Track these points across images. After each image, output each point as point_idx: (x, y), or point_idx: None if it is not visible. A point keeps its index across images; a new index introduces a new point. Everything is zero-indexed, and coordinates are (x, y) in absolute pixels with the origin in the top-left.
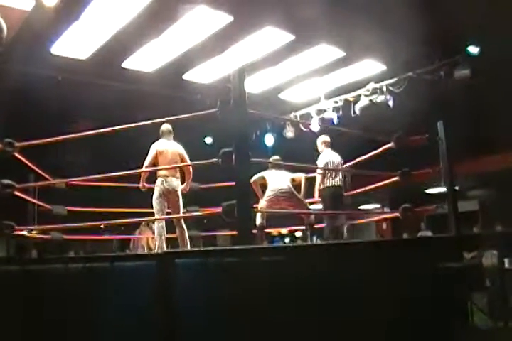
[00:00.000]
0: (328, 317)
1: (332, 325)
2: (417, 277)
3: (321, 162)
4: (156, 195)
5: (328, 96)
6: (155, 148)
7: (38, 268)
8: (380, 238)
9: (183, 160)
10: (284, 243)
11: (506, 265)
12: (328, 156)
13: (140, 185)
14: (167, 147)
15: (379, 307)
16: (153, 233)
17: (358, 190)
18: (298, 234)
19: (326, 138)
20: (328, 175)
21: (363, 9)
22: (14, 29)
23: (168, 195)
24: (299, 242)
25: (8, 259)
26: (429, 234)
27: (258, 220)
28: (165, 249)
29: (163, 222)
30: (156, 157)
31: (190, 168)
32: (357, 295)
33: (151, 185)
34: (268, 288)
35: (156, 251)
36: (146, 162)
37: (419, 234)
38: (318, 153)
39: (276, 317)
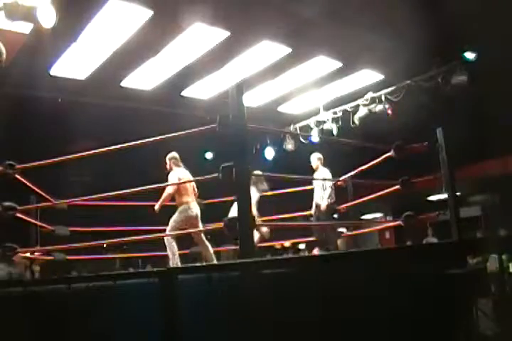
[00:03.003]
0: (333, 328)
1: (336, 336)
2: (421, 283)
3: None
4: (179, 218)
5: (327, 108)
6: (177, 176)
7: (41, 289)
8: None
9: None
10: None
11: (511, 269)
12: (327, 174)
13: (156, 207)
14: (185, 175)
15: (383, 315)
16: None
17: (360, 200)
18: (301, 246)
19: (320, 155)
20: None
21: (358, 20)
22: (13, 52)
23: (192, 220)
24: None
25: (12, 281)
26: (434, 240)
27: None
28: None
29: (175, 240)
30: (179, 185)
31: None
32: (361, 305)
33: (152, 203)
34: (273, 301)
35: None
36: (171, 189)
37: (425, 241)
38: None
39: (282, 330)
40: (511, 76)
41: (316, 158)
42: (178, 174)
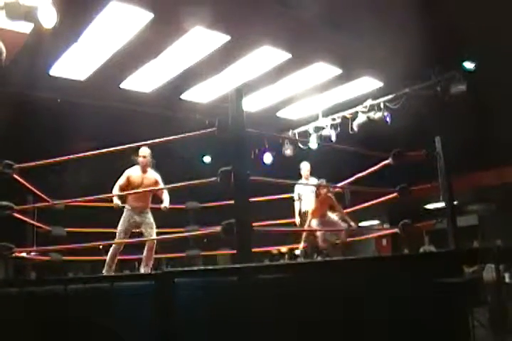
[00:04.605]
0: (329, 334)
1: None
2: (417, 292)
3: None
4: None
5: (326, 114)
6: None
7: (37, 290)
8: (378, 254)
9: None
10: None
11: (507, 279)
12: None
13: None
14: None
15: (379, 323)
16: None
17: (357, 207)
18: (297, 251)
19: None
20: None
21: (359, 27)
22: (13, 52)
23: None
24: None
25: (8, 281)
26: (432, 249)
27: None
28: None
29: None
30: None
31: None
32: (356, 312)
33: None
34: (270, 307)
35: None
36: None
37: (422, 249)
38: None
39: (278, 335)
40: (510, 86)
41: (308, 167)
42: None
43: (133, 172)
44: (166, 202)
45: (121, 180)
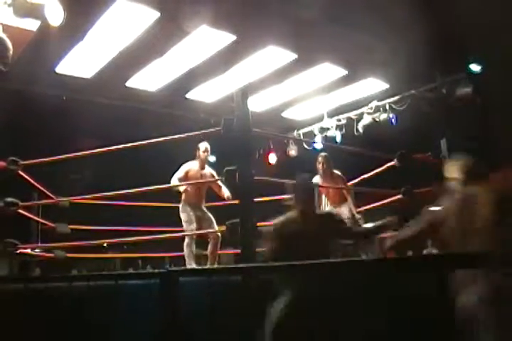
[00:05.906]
0: (327, 334)
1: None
2: (420, 294)
3: None
4: None
5: (331, 115)
6: None
7: (42, 287)
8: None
9: None
10: None
11: None
12: None
13: None
14: None
15: (381, 327)
16: None
17: (361, 209)
18: None
19: None
20: None
21: (364, 28)
22: (20, 48)
23: None
24: None
25: (12, 277)
26: (435, 251)
27: None
28: None
29: None
30: None
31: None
32: (358, 314)
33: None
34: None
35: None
36: None
37: (425, 251)
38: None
39: (280, 331)
40: None
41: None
42: None
43: (192, 167)
44: (227, 192)
45: (180, 174)
